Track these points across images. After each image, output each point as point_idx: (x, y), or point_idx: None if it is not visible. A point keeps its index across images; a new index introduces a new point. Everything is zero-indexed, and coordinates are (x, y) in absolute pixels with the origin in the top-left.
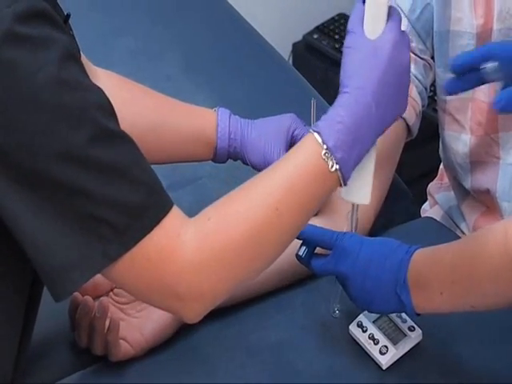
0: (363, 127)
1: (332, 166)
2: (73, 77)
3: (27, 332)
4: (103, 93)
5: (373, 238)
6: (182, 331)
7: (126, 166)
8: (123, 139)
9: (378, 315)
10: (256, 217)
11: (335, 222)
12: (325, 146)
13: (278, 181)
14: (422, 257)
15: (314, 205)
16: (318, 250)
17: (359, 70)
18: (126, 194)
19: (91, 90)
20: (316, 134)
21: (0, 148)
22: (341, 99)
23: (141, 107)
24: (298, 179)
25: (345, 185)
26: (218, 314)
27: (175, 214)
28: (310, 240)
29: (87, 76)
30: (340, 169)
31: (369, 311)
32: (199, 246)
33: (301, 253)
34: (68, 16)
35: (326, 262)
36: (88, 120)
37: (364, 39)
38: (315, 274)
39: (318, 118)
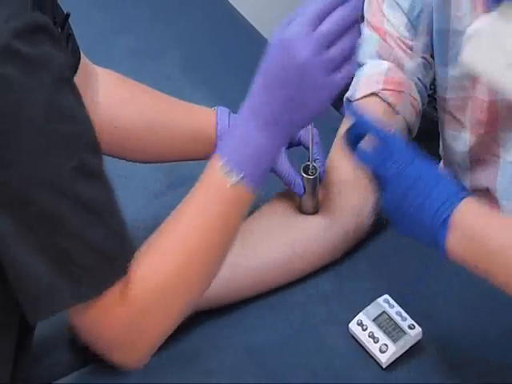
0: (248, 130)
1: (230, 182)
2: (65, 105)
3: (27, 330)
4: (92, 128)
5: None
6: (180, 331)
7: (101, 208)
8: (105, 182)
9: (378, 314)
10: (169, 268)
11: (336, 221)
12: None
13: (187, 222)
14: (473, 208)
15: (234, 226)
16: None
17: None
18: (98, 239)
19: (82, 123)
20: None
21: None
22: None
23: (140, 106)
24: (207, 214)
25: (253, 194)
26: (215, 314)
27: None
28: (362, 127)
29: (80, 101)
30: (242, 179)
31: (395, 227)
32: (124, 303)
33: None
34: (68, 15)
35: (373, 156)
36: (76, 154)
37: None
38: (314, 270)
39: None
